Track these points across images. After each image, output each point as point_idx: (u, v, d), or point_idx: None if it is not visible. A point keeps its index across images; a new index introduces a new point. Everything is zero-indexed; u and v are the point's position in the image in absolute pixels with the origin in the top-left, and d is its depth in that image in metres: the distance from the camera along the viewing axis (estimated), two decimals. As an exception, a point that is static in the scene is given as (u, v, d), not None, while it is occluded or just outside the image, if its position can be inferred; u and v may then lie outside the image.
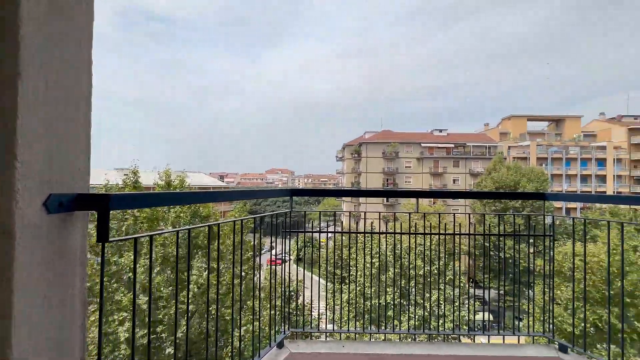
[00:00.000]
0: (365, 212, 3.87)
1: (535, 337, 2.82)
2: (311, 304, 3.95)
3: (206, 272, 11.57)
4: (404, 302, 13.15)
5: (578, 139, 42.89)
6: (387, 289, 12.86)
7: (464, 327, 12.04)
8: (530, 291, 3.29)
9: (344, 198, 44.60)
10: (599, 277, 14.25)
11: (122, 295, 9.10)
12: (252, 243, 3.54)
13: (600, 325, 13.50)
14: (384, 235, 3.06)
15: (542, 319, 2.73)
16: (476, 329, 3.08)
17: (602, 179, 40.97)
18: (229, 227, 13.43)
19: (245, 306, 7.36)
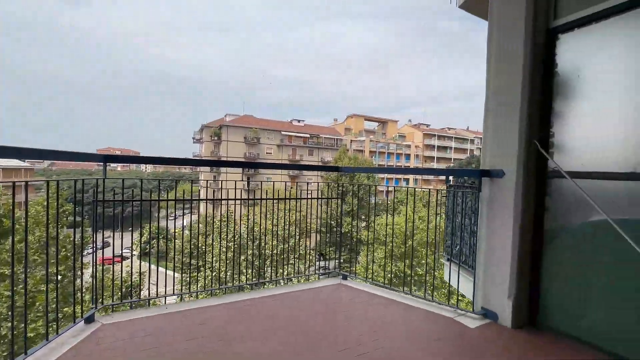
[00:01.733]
0: (199, 201, 3.95)
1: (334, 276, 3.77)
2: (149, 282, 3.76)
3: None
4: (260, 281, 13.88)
5: (395, 138, 56.22)
6: (244, 270, 13.26)
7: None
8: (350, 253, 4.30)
9: (201, 183, 41.73)
10: (400, 239, 19.58)
11: None
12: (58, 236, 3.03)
13: (398, 273, 18.63)
14: (243, 217, 3.29)
15: (339, 266, 3.70)
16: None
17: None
18: (32, 218, 10.28)
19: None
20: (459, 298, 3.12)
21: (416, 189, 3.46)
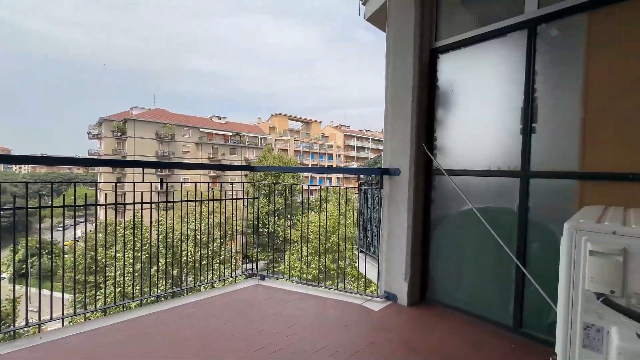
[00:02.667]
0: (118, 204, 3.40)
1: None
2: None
3: None
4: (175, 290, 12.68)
5: (319, 138, 58.22)
6: (158, 282, 11.93)
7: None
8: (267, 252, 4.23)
9: (101, 187, 35.78)
10: (322, 235, 20.36)
11: None
12: None
13: (322, 268, 19.38)
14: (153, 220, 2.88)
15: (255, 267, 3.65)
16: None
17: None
18: None
19: None
20: (376, 286, 3.42)
21: (328, 187, 3.66)
